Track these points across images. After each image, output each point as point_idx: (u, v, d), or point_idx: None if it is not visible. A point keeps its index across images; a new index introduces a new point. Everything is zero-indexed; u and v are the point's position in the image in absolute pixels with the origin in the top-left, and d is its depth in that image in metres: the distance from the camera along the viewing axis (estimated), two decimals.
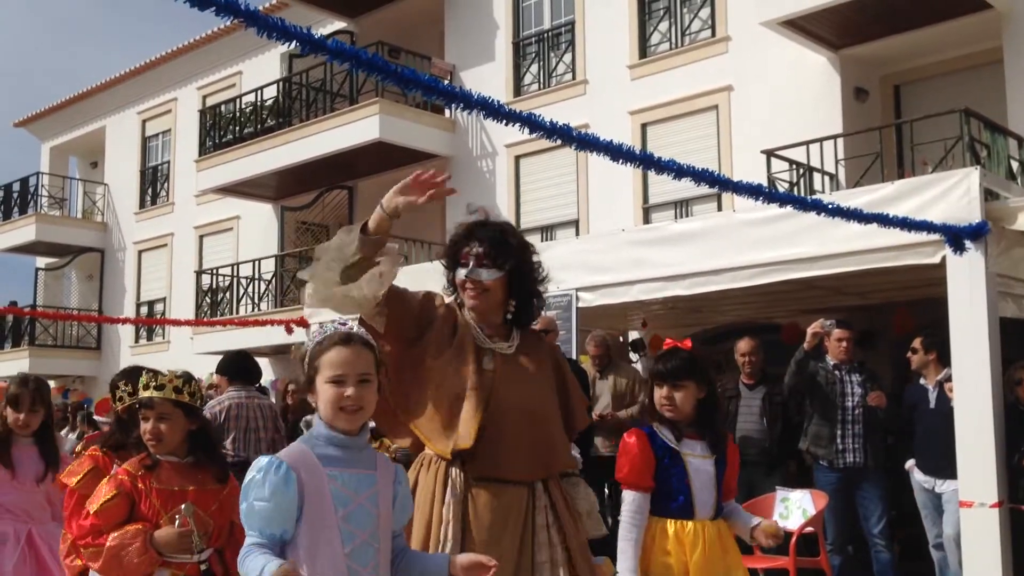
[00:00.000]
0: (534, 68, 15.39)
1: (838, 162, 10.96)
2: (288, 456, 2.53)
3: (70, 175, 25.36)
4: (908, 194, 6.49)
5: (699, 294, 7.71)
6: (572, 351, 8.36)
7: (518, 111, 3.48)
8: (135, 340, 22.15)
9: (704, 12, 13.48)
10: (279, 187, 17.71)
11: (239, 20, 2.49)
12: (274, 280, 17.35)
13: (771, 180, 10.63)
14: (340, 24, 17.65)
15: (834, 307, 9.11)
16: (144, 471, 3.52)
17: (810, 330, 6.93)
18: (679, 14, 13.76)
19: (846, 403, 7.08)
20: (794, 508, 6.97)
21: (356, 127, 15.13)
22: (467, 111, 3.33)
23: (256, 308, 17.21)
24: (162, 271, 21.78)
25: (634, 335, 11.47)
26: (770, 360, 7.86)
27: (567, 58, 14.98)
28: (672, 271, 7.65)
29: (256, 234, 19.07)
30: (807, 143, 10.60)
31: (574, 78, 14.73)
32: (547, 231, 14.75)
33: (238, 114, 17.62)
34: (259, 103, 17.18)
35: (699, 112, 13.28)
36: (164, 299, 21.60)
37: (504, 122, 3.47)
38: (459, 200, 15.92)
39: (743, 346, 7.75)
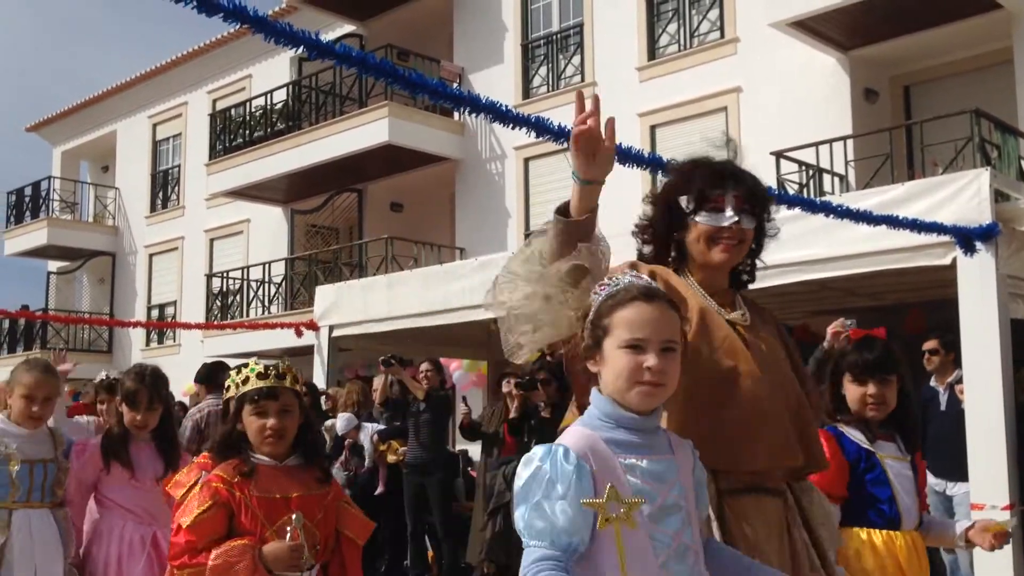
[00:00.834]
0: (543, 70, 15.40)
1: (848, 163, 10.93)
2: (572, 442, 1.98)
3: (81, 179, 25.47)
4: (918, 195, 6.47)
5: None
6: None
7: (526, 115, 3.48)
8: (146, 343, 22.23)
9: (713, 14, 13.47)
10: (289, 190, 17.76)
11: (247, 26, 2.50)
12: (284, 283, 17.39)
13: (781, 182, 10.61)
14: (349, 27, 17.69)
15: (846, 308, 9.08)
16: (240, 478, 3.01)
17: (831, 329, 6.90)
18: (688, 16, 13.75)
19: None
20: None
21: (365, 130, 15.16)
22: (475, 115, 3.33)
23: (266, 311, 17.24)
24: (173, 274, 21.86)
25: None
26: None
27: (576, 60, 14.98)
28: None
29: (266, 237, 19.12)
30: (816, 144, 10.57)
31: (583, 80, 14.73)
32: None
33: (248, 118, 17.67)
34: (269, 106, 17.23)
35: (708, 114, 13.26)
36: (175, 302, 21.68)
37: (512, 126, 3.47)
38: (468, 202, 15.96)
39: None
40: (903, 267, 6.60)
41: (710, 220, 2.56)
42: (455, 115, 15.89)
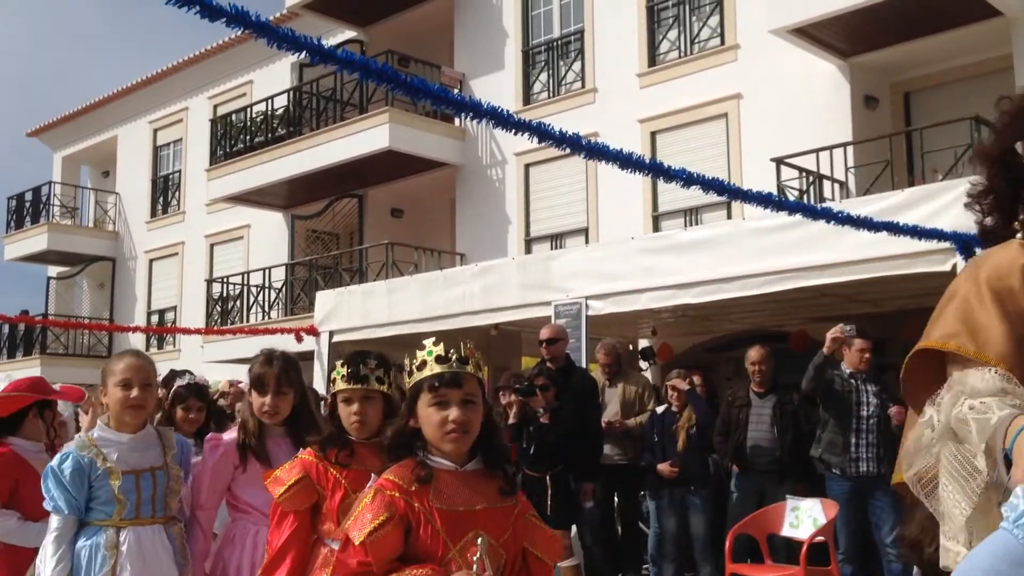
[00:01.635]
0: (543, 76, 15.42)
1: (848, 170, 10.95)
2: None
3: (82, 184, 25.49)
4: (918, 202, 6.48)
5: (709, 302, 7.71)
6: (582, 359, 8.36)
7: (527, 121, 3.49)
8: (146, 348, 22.20)
9: (713, 20, 13.49)
10: (289, 196, 17.77)
11: (249, 31, 2.50)
12: (284, 288, 17.39)
13: (781, 188, 10.62)
14: (350, 33, 17.73)
15: (845, 315, 9.08)
16: (418, 485, 2.48)
17: (830, 335, 6.90)
18: (688, 22, 13.77)
19: (861, 412, 7.05)
20: (805, 517, 6.95)
21: (366, 136, 15.18)
22: (477, 120, 3.33)
23: (266, 317, 17.24)
24: (173, 280, 21.86)
25: (644, 343, 11.46)
26: (780, 369, 7.84)
27: (576, 66, 15.00)
28: (682, 279, 7.65)
29: (266, 243, 19.13)
30: (817, 151, 10.60)
31: (583, 86, 14.75)
32: (557, 239, 14.76)
33: (249, 123, 17.68)
34: (270, 112, 17.26)
35: (708, 120, 13.28)
36: (175, 308, 21.68)
37: (514, 132, 3.48)
38: (468, 208, 15.97)
39: (753, 355, 7.72)
40: (903, 273, 6.61)
41: None
42: (456, 121, 15.91)
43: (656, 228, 13.34)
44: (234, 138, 17.85)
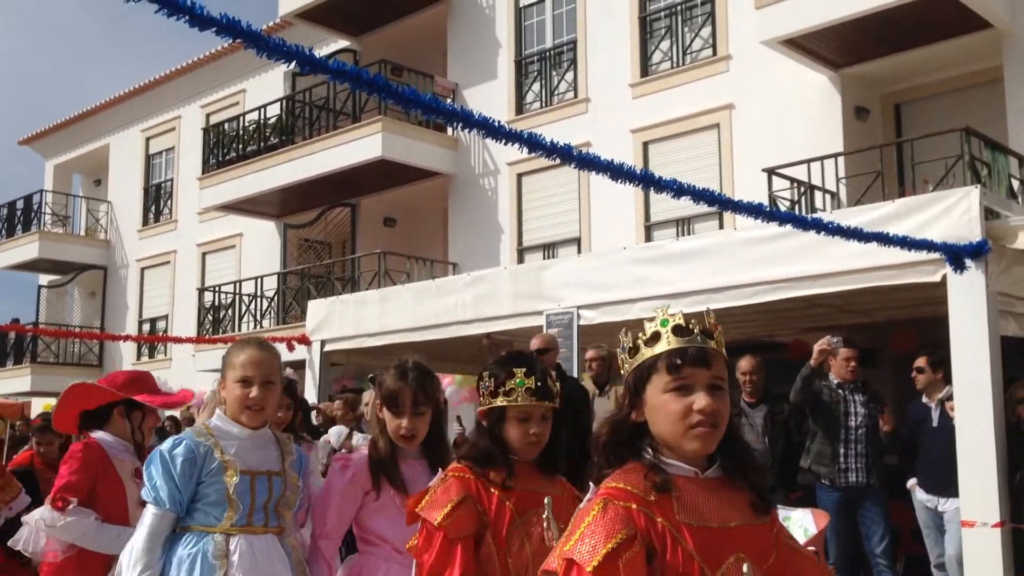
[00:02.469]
0: (536, 86, 15.45)
1: (839, 180, 10.98)
2: None
3: (73, 193, 25.44)
4: (909, 213, 6.51)
5: (700, 312, 7.70)
6: (573, 369, 8.36)
7: (519, 131, 3.50)
8: (137, 357, 22.15)
9: (705, 31, 13.54)
10: (282, 204, 17.75)
11: (240, 41, 2.51)
12: (276, 297, 17.36)
13: (772, 198, 10.64)
14: (343, 43, 17.74)
15: (836, 325, 9.11)
16: (657, 495, 1.91)
17: (817, 347, 6.92)
18: (680, 33, 13.82)
19: (849, 422, 7.07)
20: (795, 527, 6.94)
21: (359, 145, 15.18)
22: (468, 130, 3.34)
23: (258, 325, 17.21)
24: (164, 288, 21.81)
25: None
26: (771, 379, 7.85)
27: (569, 76, 15.04)
28: (674, 289, 7.66)
29: (259, 251, 19.11)
30: (808, 161, 10.63)
31: (576, 96, 14.78)
32: (549, 249, 14.77)
33: (241, 132, 17.68)
34: (262, 121, 17.25)
35: (700, 130, 13.31)
36: (166, 316, 21.62)
37: (505, 142, 3.49)
38: (461, 218, 15.97)
39: (744, 364, 7.73)
40: (894, 284, 6.63)
41: None
42: (448, 130, 15.92)
43: (648, 238, 13.35)
44: (226, 147, 17.83)
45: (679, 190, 4.10)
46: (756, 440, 7.54)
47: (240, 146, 17.53)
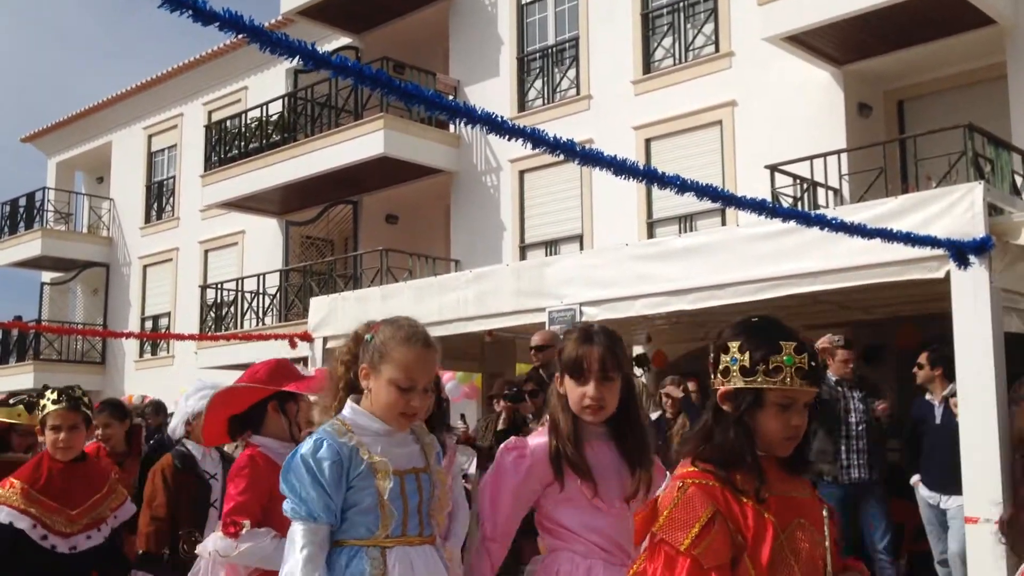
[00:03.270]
0: (538, 84, 15.44)
1: (842, 177, 10.97)
2: None
3: (76, 190, 25.46)
4: (912, 209, 6.49)
5: (703, 309, 7.70)
6: None
7: (522, 126, 3.48)
8: (140, 355, 22.18)
9: (708, 28, 13.52)
10: (284, 202, 17.76)
11: (243, 36, 2.50)
12: (278, 295, 17.37)
13: (775, 195, 10.63)
14: (345, 40, 17.73)
15: (839, 322, 9.11)
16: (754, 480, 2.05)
17: (818, 345, 6.93)
18: (683, 30, 13.80)
19: (849, 419, 7.08)
20: None
21: (361, 142, 15.17)
22: (471, 126, 3.33)
23: (260, 323, 17.22)
24: (167, 286, 21.83)
25: (638, 350, 11.45)
26: None
27: (571, 74, 15.02)
28: (676, 286, 7.64)
29: (261, 249, 19.11)
30: (811, 158, 10.61)
31: (578, 93, 14.77)
32: (551, 246, 14.76)
33: (243, 129, 17.68)
34: (264, 118, 17.25)
35: (703, 127, 13.30)
36: (169, 314, 21.64)
37: (507, 137, 3.47)
38: (463, 215, 15.97)
39: None
40: (897, 280, 6.61)
41: None
42: (451, 127, 15.92)
43: (650, 235, 13.35)
44: (228, 144, 17.84)
45: (682, 186, 4.09)
46: None
47: (242, 143, 17.53)
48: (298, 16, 16.98)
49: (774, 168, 10.90)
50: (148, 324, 22.17)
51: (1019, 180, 9.92)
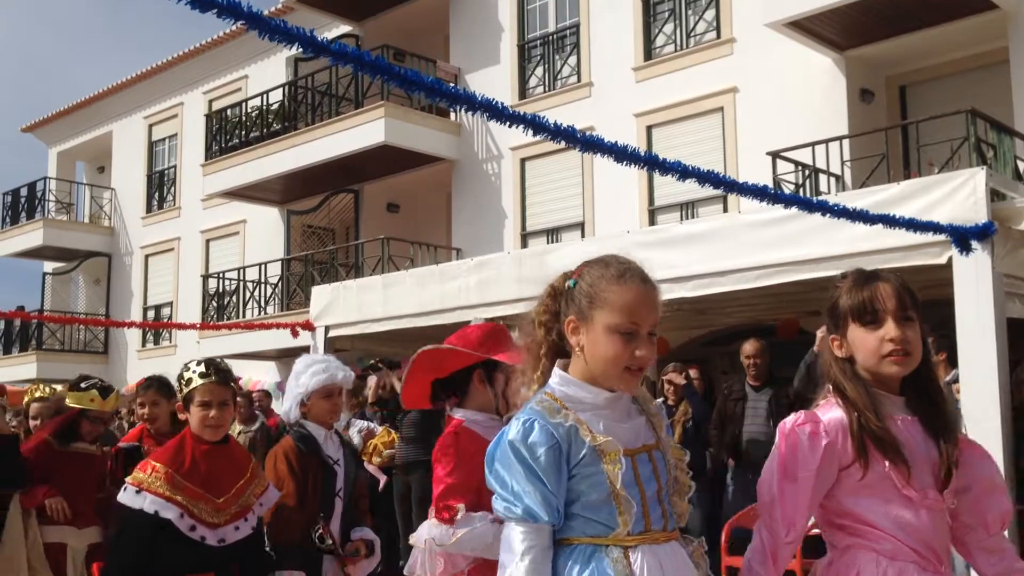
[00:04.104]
0: (539, 71, 15.40)
1: (844, 163, 10.95)
2: None
3: (77, 180, 25.45)
4: (914, 195, 6.47)
5: (705, 296, 7.70)
6: None
7: (522, 113, 3.47)
8: (142, 344, 22.20)
9: (709, 14, 13.48)
10: (285, 191, 17.74)
11: (241, 23, 2.49)
12: (280, 284, 17.38)
13: (776, 182, 10.62)
14: (345, 28, 17.69)
15: None
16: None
17: (820, 332, 6.91)
18: (684, 16, 13.76)
19: None
20: None
21: (362, 130, 15.15)
22: (471, 113, 3.32)
23: (262, 312, 17.23)
24: (169, 275, 21.84)
25: None
26: (776, 362, 7.84)
27: (572, 61, 14.98)
28: (678, 273, 7.63)
29: (262, 238, 19.11)
30: (813, 144, 10.59)
31: (579, 80, 14.73)
32: (553, 234, 14.75)
33: (244, 118, 17.66)
34: (265, 107, 17.22)
35: (704, 114, 13.27)
36: (171, 303, 21.66)
37: (508, 124, 3.46)
38: (464, 203, 15.95)
39: (748, 348, 7.73)
40: (899, 266, 6.59)
41: None
42: (451, 115, 15.90)
43: (652, 222, 13.33)
44: (229, 133, 17.82)
45: (683, 172, 4.08)
46: (761, 424, 7.55)
47: (243, 132, 17.51)
48: (297, 3, 16.94)
49: (776, 155, 10.88)
50: (150, 314, 22.19)
51: (1021, 165, 9.90)
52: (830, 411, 2.34)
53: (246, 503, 3.73)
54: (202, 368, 3.70)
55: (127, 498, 3.55)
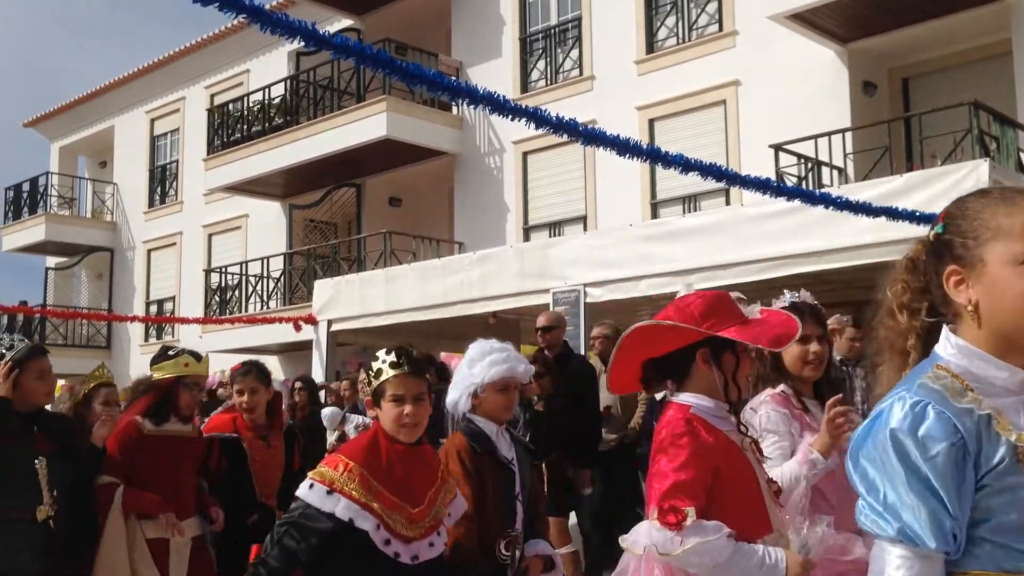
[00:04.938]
0: (541, 64, 15.37)
1: (846, 156, 10.93)
2: None
3: (79, 175, 25.45)
4: (917, 187, 6.48)
5: (707, 288, 7.70)
6: (580, 347, 8.36)
7: (524, 106, 3.47)
8: (144, 339, 22.22)
9: (711, 6, 13.44)
10: (287, 185, 17.74)
11: (243, 17, 2.49)
12: (282, 278, 17.38)
13: (779, 174, 10.60)
14: (347, 22, 17.67)
15: (844, 301, 9.09)
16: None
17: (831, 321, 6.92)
18: (686, 9, 13.73)
19: (855, 398, 7.09)
20: None
21: (363, 124, 15.14)
22: (473, 106, 3.32)
23: (265, 306, 17.24)
24: (171, 270, 21.85)
25: None
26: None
27: (574, 54, 14.96)
28: (680, 266, 7.65)
29: (264, 232, 19.11)
30: (815, 137, 10.57)
31: (581, 74, 14.71)
32: (555, 227, 14.74)
33: (246, 112, 17.65)
34: (267, 101, 17.21)
35: (707, 107, 13.25)
36: (173, 298, 21.67)
37: (510, 117, 3.46)
38: (466, 197, 15.94)
39: None
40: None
41: None
42: (453, 109, 15.88)
43: (654, 215, 13.32)
44: (231, 128, 17.81)
45: (686, 165, 4.08)
46: None
47: (245, 127, 17.51)
48: None
49: (778, 147, 10.86)
50: (153, 308, 22.21)
51: None
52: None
53: (439, 514, 3.18)
54: (392, 357, 3.13)
55: (315, 498, 2.97)
